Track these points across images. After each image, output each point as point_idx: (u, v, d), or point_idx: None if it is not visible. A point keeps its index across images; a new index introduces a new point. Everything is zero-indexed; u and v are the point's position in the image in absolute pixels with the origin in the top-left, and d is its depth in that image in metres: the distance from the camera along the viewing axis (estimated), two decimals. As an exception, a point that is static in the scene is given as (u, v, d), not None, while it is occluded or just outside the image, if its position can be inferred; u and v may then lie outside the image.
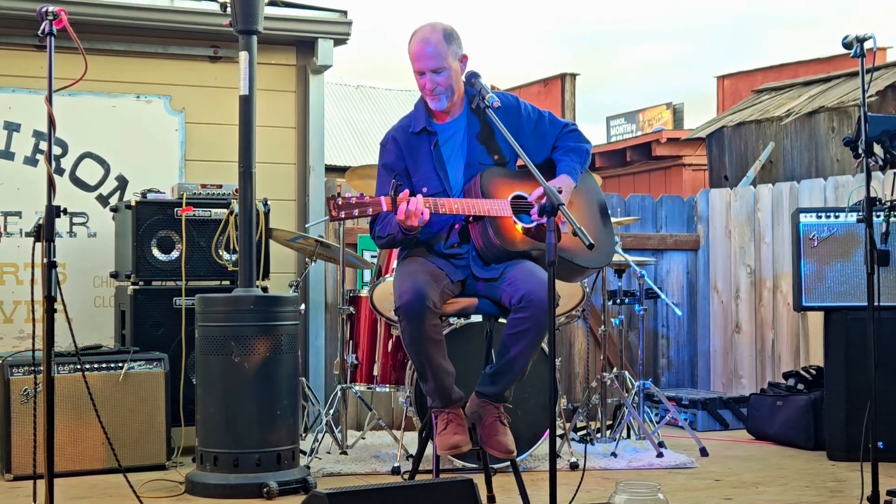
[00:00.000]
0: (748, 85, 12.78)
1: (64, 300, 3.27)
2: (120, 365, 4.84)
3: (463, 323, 4.69)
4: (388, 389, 5.14)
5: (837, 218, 5.35)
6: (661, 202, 7.27)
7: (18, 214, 5.55)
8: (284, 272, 5.90)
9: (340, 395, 5.25)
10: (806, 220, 5.37)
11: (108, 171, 5.75)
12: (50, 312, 3.19)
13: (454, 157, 3.72)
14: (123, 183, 5.76)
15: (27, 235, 5.48)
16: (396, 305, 3.46)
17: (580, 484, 3.81)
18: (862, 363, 4.98)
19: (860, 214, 3.90)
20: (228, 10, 4.67)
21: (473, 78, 3.64)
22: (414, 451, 4.19)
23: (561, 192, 3.50)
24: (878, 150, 4.04)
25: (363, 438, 5.52)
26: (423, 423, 4.40)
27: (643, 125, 21.40)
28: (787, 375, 6.05)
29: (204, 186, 5.33)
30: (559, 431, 4.96)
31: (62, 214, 3.25)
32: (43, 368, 3.18)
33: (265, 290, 5.12)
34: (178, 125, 5.88)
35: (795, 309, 5.46)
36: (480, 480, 3.43)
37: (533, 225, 3.60)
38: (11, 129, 5.57)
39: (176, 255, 5.20)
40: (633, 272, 5.63)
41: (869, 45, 3.85)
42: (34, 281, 3.38)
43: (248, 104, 4.54)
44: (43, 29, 3.28)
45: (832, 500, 4.31)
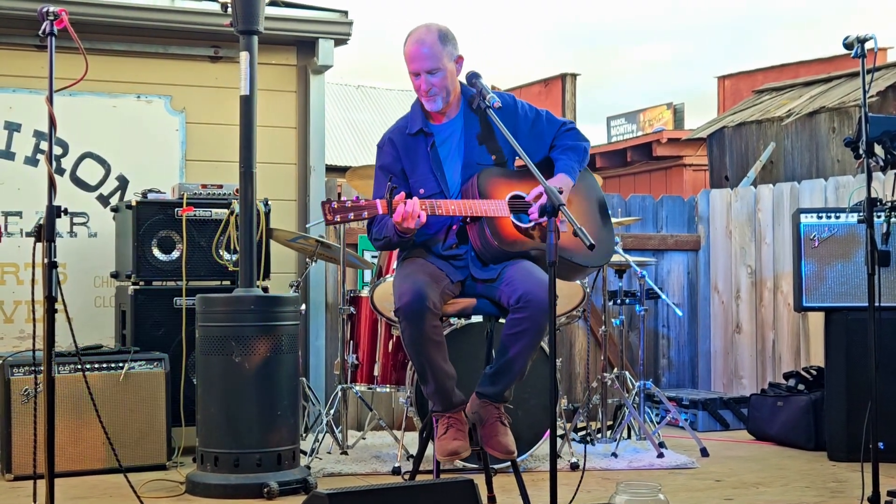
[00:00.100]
0: (749, 85, 12.78)
1: (64, 300, 3.27)
2: (120, 365, 4.84)
3: (463, 323, 4.69)
4: (388, 390, 5.15)
5: (838, 218, 5.34)
6: (661, 202, 7.27)
7: (19, 214, 5.55)
8: (285, 272, 5.90)
9: (341, 395, 5.25)
10: (807, 220, 5.37)
11: (108, 171, 5.75)
12: (50, 312, 3.18)
13: (451, 157, 3.70)
14: (124, 183, 5.76)
15: (28, 235, 5.48)
16: (396, 306, 3.45)
17: (580, 484, 3.81)
18: (862, 364, 4.98)
19: (861, 215, 3.90)
20: (229, 10, 4.68)
21: (474, 78, 3.63)
22: (414, 451, 4.19)
23: (562, 192, 3.49)
24: (878, 150, 4.04)
25: (364, 439, 5.52)
26: (423, 423, 4.39)
27: (644, 125, 21.40)
28: (787, 376, 6.04)
29: (204, 186, 5.33)
30: (559, 432, 4.96)
31: (63, 214, 3.25)
32: (43, 368, 3.17)
33: (266, 290, 5.12)
34: (178, 125, 5.88)
35: (796, 309, 5.45)
36: (481, 481, 3.43)
37: (531, 225, 3.59)
38: (12, 129, 5.57)
39: (176, 255, 5.20)
40: (633, 272, 5.63)
41: (870, 45, 3.85)
42: (35, 281, 3.38)
43: (248, 104, 4.54)
44: (44, 29, 3.28)
45: (833, 500, 4.30)
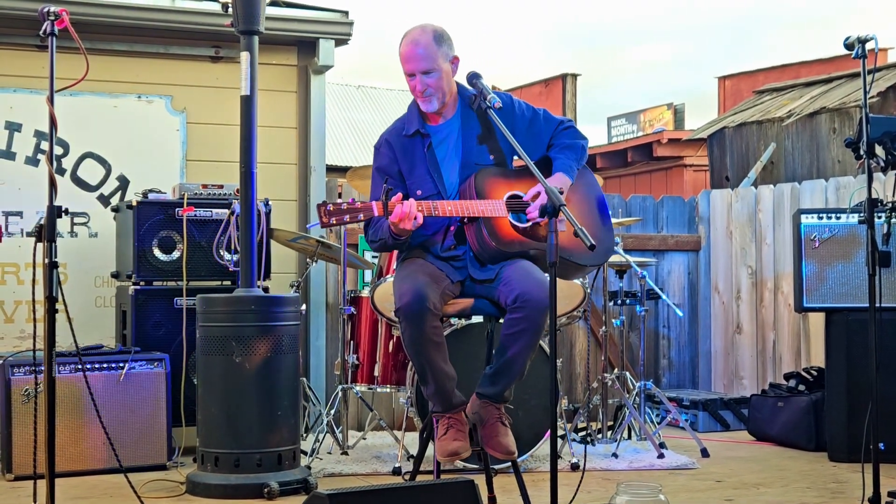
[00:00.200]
0: (749, 85, 12.77)
1: (65, 300, 3.28)
2: (121, 365, 4.84)
3: (464, 324, 4.68)
4: (388, 390, 5.15)
5: (839, 219, 5.34)
6: (662, 203, 7.27)
7: (20, 214, 5.55)
8: (285, 272, 5.90)
9: (341, 395, 5.25)
10: (807, 221, 5.37)
11: (109, 171, 5.75)
12: (51, 312, 3.19)
13: (448, 158, 3.70)
14: (125, 183, 5.76)
15: (28, 235, 5.48)
16: (396, 307, 3.44)
17: (580, 484, 3.81)
18: (863, 364, 4.98)
19: (861, 215, 3.90)
20: (230, 10, 4.67)
21: (475, 79, 3.62)
22: (415, 451, 4.19)
23: (562, 192, 3.48)
24: (879, 151, 4.04)
25: (364, 439, 5.52)
26: (423, 423, 4.39)
27: (644, 126, 21.41)
28: (788, 376, 6.04)
29: (205, 186, 5.33)
30: (560, 432, 4.96)
31: (63, 214, 3.25)
32: (44, 368, 3.18)
33: (266, 290, 5.12)
34: (179, 125, 5.88)
35: (796, 310, 5.45)
36: (481, 481, 3.43)
37: (528, 224, 3.59)
38: (13, 129, 5.57)
39: (177, 255, 5.20)
40: (634, 273, 5.63)
41: (870, 46, 3.85)
42: (35, 281, 3.38)
43: (249, 104, 4.54)
44: (45, 29, 3.28)
45: (833, 501, 4.30)
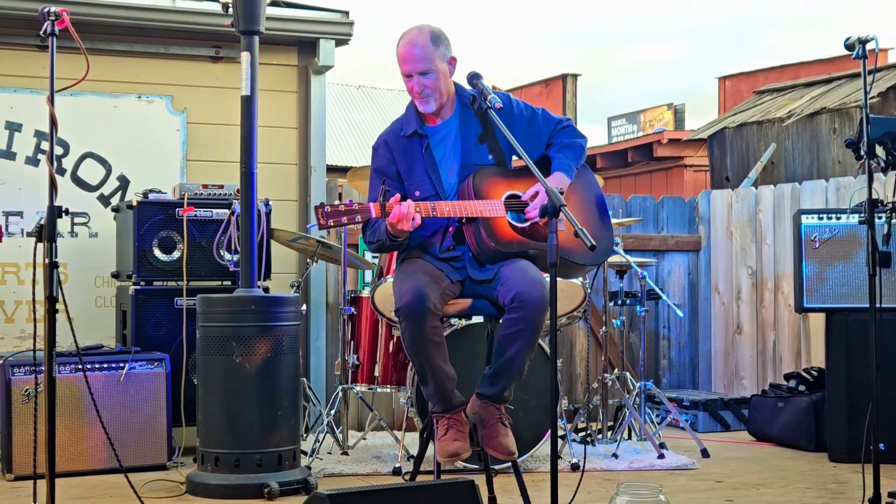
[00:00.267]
0: (749, 86, 12.77)
1: (65, 300, 3.28)
2: (121, 365, 4.84)
3: (464, 324, 4.68)
4: (389, 390, 5.15)
5: (839, 219, 5.34)
6: (662, 203, 7.27)
7: (20, 214, 5.55)
8: (286, 273, 5.89)
9: (341, 395, 5.25)
10: (807, 221, 5.37)
11: (109, 171, 5.75)
12: (51, 312, 3.19)
13: (447, 159, 3.69)
14: (125, 183, 5.76)
15: (29, 235, 5.48)
16: (397, 307, 3.44)
17: (579, 484, 3.81)
18: (863, 365, 4.98)
19: (862, 216, 3.90)
20: (230, 10, 4.68)
21: (475, 79, 3.62)
22: (415, 451, 4.19)
23: (563, 192, 3.48)
24: (879, 151, 4.04)
25: (364, 439, 5.52)
26: (424, 423, 4.39)
27: (644, 126, 21.41)
28: (788, 377, 6.04)
29: (205, 187, 5.33)
30: (560, 432, 4.95)
31: (64, 214, 3.25)
32: (45, 368, 3.18)
33: (266, 290, 5.12)
34: (179, 125, 5.88)
35: (797, 310, 5.45)
36: (482, 481, 3.42)
37: (527, 224, 3.58)
38: (13, 129, 5.57)
39: (177, 255, 5.20)
40: (634, 273, 5.63)
41: (871, 46, 3.85)
42: (35, 281, 3.38)
43: (249, 104, 4.54)
44: (45, 29, 3.28)
45: (833, 501, 4.30)
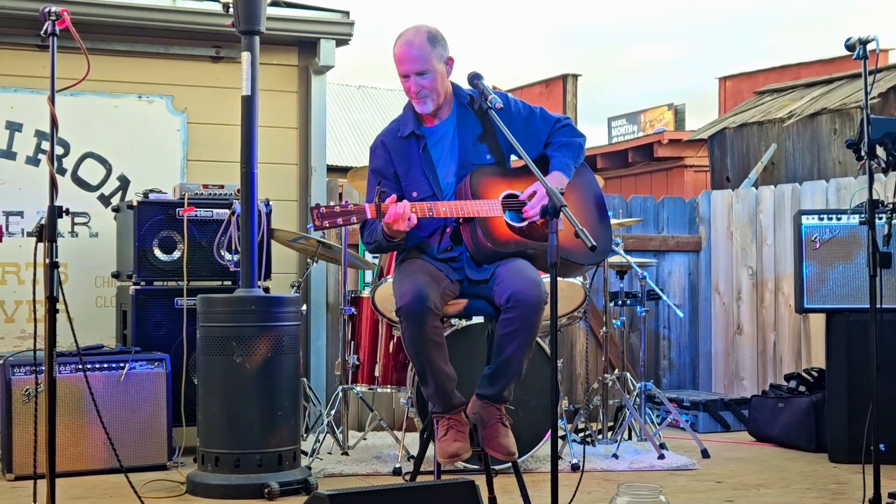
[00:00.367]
0: (750, 86, 12.76)
1: (65, 300, 3.28)
2: (121, 365, 4.84)
3: (464, 324, 4.68)
4: (389, 390, 5.15)
5: (839, 220, 5.34)
6: (662, 203, 7.26)
7: (20, 214, 5.55)
8: (286, 273, 5.89)
9: (342, 395, 5.25)
10: (808, 221, 5.37)
11: (109, 171, 5.75)
12: (52, 312, 3.19)
13: (444, 159, 3.69)
14: (125, 183, 5.76)
15: (29, 235, 5.48)
16: (398, 306, 3.44)
17: (579, 485, 3.81)
18: (864, 365, 4.97)
19: (862, 216, 3.90)
20: (231, 10, 4.68)
21: (476, 79, 3.62)
22: (415, 451, 4.19)
23: (562, 192, 3.48)
24: (880, 152, 4.04)
25: (364, 439, 5.52)
26: (424, 423, 4.39)
27: (645, 126, 21.40)
28: (788, 377, 6.04)
29: (206, 187, 5.33)
30: (560, 433, 4.95)
31: (64, 214, 3.25)
32: (45, 368, 3.18)
33: (267, 290, 5.12)
34: (180, 125, 5.88)
35: (797, 311, 5.45)
36: (482, 481, 3.42)
37: (524, 224, 3.58)
38: (14, 128, 5.57)
39: (177, 255, 5.20)
40: (634, 273, 5.63)
41: (872, 46, 3.85)
42: (36, 281, 3.38)
43: (250, 104, 4.54)
44: (45, 29, 3.28)
45: (834, 502, 4.30)
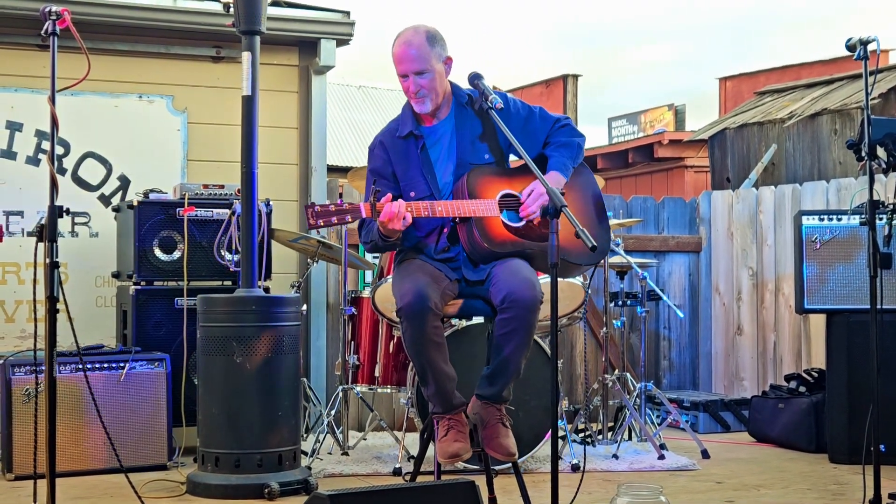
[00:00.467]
0: (750, 87, 12.77)
1: (66, 300, 3.28)
2: (121, 365, 4.84)
3: (464, 324, 4.68)
4: (389, 390, 5.15)
5: (840, 220, 5.34)
6: (663, 204, 7.26)
7: (20, 214, 5.55)
8: (286, 273, 5.89)
9: (342, 395, 5.25)
10: (808, 222, 5.37)
11: (110, 171, 5.75)
12: (52, 312, 3.19)
13: (442, 159, 3.68)
14: (125, 183, 5.76)
15: (29, 235, 5.48)
16: (398, 306, 3.44)
17: (579, 485, 3.81)
18: (864, 366, 4.97)
19: (863, 217, 3.90)
20: (231, 10, 4.67)
21: (476, 79, 3.61)
22: (415, 452, 4.19)
23: (563, 193, 3.47)
24: (881, 152, 4.04)
25: (364, 439, 5.52)
26: (424, 424, 4.39)
27: (645, 126, 21.40)
28: (788, 378, 6.04)
29: (206, 187, 5.33)
30: (560, 433, 4.95)
31: (64, 214, 3.25)
32: (45, 368, 3.18)
33: (267, 290, 5.12)
34: (180, 125, 5.88)
35: (797, 311, 5.45)
36: (482, 482, 3.42)
37: (522, 224, 3.58)
38: (14, 128, 5.57)
39: (178, 255, 5.20)
40: (634, 274, 5.63)
41: (872, 47, 3.85)
42: (36, 281, 3.38)
43: (250, 104, 4.54)
44: (46, 29, 3.28)
45: (834, 503, 4.30)
